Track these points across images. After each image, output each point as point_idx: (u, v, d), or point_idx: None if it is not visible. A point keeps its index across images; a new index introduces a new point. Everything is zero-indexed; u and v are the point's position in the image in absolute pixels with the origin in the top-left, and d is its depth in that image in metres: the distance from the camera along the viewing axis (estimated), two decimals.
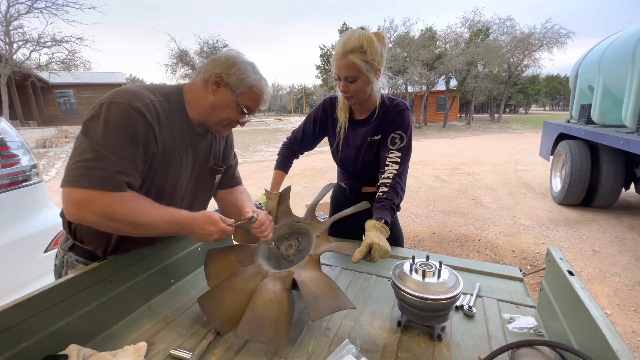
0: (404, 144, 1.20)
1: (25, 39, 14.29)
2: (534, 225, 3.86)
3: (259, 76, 0.97)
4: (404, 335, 0.82)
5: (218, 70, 0.91)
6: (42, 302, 0.72)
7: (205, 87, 0.92)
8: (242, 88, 0.93)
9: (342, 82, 1.15)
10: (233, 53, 0.96)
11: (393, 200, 1.11)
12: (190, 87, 0.95)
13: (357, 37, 1.07)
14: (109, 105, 0.76)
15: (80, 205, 0.73)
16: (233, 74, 0.92)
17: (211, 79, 0.91)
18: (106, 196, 0.73)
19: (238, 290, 0.88)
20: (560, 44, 21.71)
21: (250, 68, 0.95)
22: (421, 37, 18.78)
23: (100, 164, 0.73)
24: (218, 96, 0.92)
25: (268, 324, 0.78)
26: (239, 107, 0.94)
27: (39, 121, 17.06)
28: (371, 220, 1.03)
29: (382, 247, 0.91)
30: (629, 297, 2.40)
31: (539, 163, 7.25)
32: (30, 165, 1.95)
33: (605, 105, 4.16)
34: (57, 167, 8.81)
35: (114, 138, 0.75)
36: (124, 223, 0.77)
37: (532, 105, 48.65)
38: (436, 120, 23.35)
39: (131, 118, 0.77)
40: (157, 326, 0.88)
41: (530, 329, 0.83)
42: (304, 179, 6.65)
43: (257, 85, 0.96)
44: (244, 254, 1.03)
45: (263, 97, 1.00)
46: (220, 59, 0.93)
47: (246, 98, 0.95)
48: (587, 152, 4.14)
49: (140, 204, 0.79)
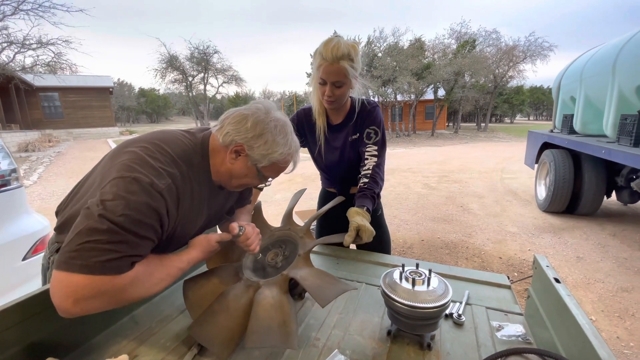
0: (379, 137, 1.30)
1: (9, 40, 13.97)
2: (520, 232, 3.93)
3: (289, 146, 0.84)
4: (393, 345, 0.81)
5: (241, 139, 0.79)
6: (18, 313, 0.69)
7: (225, 151, 0.82)
8: (265, 163, 0.82)
9: (328, 86, 1.19)
10: (261, 115, 0.81)
11: (373, 190, 1.22)
12: (213, 146, 0.84)
13: (345, 45, 1.13)
14: (131, 182, 0.67)
15: (86, 298, 0.62)
16: (257, 147, 0.80)
17: (231, 146, 0.81)
18: (118, 280, 0.64)
19: (232, 309, 0.83)
20: (543, 57, 22.47)
21: (281, 138, 0.82)
22: (410, 47, 19.15)
23: (120, 249, 0.63)
24: (236, 165, 0.83)
25: (276, 328, 0.76)
26: (259, 176, 0.86)
27: (21, 124, 16.58)
28: (353, 208, 1.14)
29: (367, 229, 1.04)
30: (613, 303, 2.45)
31: (524, 171, 7.41)
32: (9, 170, 1.89)
33: (586, 116, 4.31)
34: (39, 172, 8.56)
35: (134, 219, 0.65)
36: (134, 299, 0.70)
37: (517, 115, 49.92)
38: (424, 129, 23.71)
39: (153, 200, 0.68)
40: (140, 338, 0.85)
41: (518, 337, 0.83)
42: (294, 185, 6.62)
43: (283, 159, 0.85)
44: (226, 274, 0.97)
45: (289, 167, 0.91)
46: (247, 124, 0.79)
47: (269, 170, 0.86)
48: (570, 161, 4.26)
49: (149, 275, 0.71)
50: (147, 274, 0.71)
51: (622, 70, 3.41)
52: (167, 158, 0.76)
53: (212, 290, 0.90)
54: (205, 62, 25.10)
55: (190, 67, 25.37)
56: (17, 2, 13.29)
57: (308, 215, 3.46)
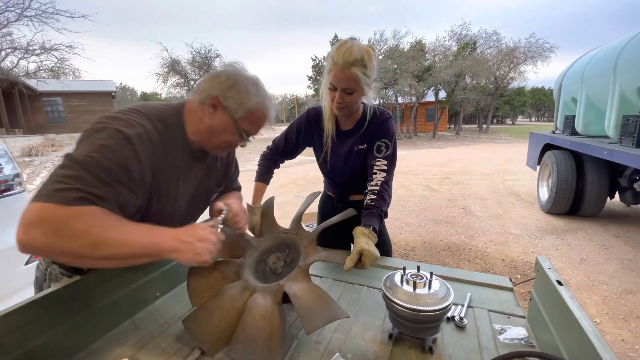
0: (390, 152, 1.23)
1: (13, 46, 14.11)
2: (523, 234, 3.91)
3: (262, 96, 0.88)
4: (395, 348, 0.81)
5: (215, 91, 0.83)
6: (20, 317, 0.69)
7: (202, 109, 0.85)
8: (242, 113, 0.85)
9: (338, 92, 1.14)
10: (234, 69, 0.86)
11: (381, 208, 1.14)
12: (190, 107, 0.88)
13: (358, 49, 1.06)
14: (99, 130, 0.71)
15: (30, 225, 0.61)
16: (232, 97, 0.83)
17: (207, 101, 0.84)
18: (62, 209, 0.62)
19: (226, 309, 0.85)
20: (544, 58, 22.46)
21: (253, 88, 0.86)
22: (411, 50, 19.22)
23: (73, 183, 0.64)
24: (215, 120, 0.85)
25: (261, 342, 0.76)
26: (239, 131, 0.88)
27: (25, 129, 16.70)
28: (359, 227, 1.04)
29: (371, 254, 0.94)
30: (617, 305, 2.43)
31: (526, 172, 7.38)
32: (13, 175, 1.90)
33: (588, 117, 4.29)
34: (42, 176, 8.60)
35: (94, 158, 0.67)
36: (80, 241, 0.63)
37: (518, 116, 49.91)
38: (426, 131, 23.70)
39: (120, 146, 0.70)
40: (140, 342, 0.85)
41: (521, 340, 0.82)
42: (296, 188, 6.62)
43: (258, 108, 0.87)
44: (229, 270, 0.99)
45: (265, 120, 0.92)
46: (220, 77, 0.85)
47: (246, 122, 0.87)
48: (572, 162, 4.24)
49: (100, 222, 0.66)
50: (98, 220, 0.66)
51: (624, 71, 3.40)
52: (140, 115, 0.79)
53: (213, 284, 0.94)
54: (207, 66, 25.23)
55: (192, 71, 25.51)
56: (21, 9, 13.44)
57: (307, 218, 3.46)
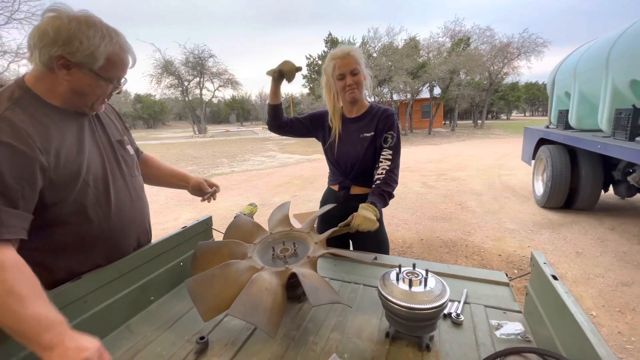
0: (394, 142, 1.42)
1: (3, 50, 13.93)
2: (519, 228, 3.93)
3: (108, 34, 0.79)
4: (392, 347, 0.81)
5: (55, 51, 0.74)
6: None
7: (52, 73, 0.76)
8: (100, 62, 0.77)
9: (347, 77, 1.36)
10: (57, 21, 0.74)
11: (383, 188, 1.33)
12: (36, 77, 0.78)
13: (350, 46, 1.39)
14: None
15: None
16: (77, 51, 0.74)
17: (53, 63, 0.75)
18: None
19: (230, 280, 0.86)
20: (537, 53, 22.56)
21: (92, 32, 0.76)
22: (405, 47, 19.20)
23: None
24: (75, 80, 0.78)
25: (262, 309, 0.76)
26: (106, 81, 0.81)
27: None
28: (363, 203, 1.26)
29: (361, 215, 1.18)
30: (614, 297, 2.45)
31: (521, 167, 7.42)
32: None
33: (581, 111, 4.32)
34: None
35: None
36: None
37: (513, 111, 50.13)
38: (421, 127, 23.75)
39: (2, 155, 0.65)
40: (135, 347, 0.84)
41: (517, 335, 0.82)
42: (293, 187, 6.61)
43: (113, 50, 0.79)
44: (237, 250, 1.01)
45: (127, 54, 0.84)
46: (49, 35, 0.72)
47: (108, 70, 0.80)
48: (566, 156, 4.27)
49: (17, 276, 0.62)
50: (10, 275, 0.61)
51: (616, 64, 3.42)
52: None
53: (220, 261, 0.94)
54: (201, 66, 25.10)
55: (185, 72, 25.37)
56: (10, 12, 13.26)
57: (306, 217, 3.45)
